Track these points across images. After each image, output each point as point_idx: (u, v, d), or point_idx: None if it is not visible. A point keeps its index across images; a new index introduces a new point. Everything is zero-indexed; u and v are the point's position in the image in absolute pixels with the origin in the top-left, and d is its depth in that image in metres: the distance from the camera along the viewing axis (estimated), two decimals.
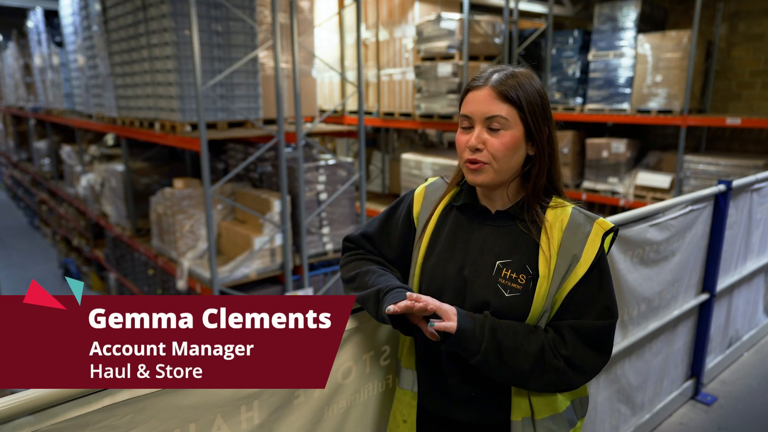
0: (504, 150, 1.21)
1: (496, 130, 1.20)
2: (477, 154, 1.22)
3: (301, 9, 5.29)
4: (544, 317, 1.24)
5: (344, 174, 5.25)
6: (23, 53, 10.34)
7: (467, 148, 1.23)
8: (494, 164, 1.22)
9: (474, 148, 1.22)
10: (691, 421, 3.08)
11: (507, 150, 1.21)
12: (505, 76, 1.22)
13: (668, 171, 6.21)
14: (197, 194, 5.06)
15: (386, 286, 1.29)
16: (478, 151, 1.22)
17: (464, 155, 1.25)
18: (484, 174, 1.23)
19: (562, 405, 1.31)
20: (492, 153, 1.21)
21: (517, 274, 1.24)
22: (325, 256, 5.24)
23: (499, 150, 1.20)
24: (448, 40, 6.20)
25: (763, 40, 6.15)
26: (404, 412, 1.44)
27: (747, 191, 3.32)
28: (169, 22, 4.34)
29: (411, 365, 1.43)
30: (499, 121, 1.20)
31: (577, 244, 1.23)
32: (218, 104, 4.66)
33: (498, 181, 1.25)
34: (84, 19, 6.28)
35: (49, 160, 10.26)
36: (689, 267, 2.92)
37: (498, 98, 1.20)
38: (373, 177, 8.86)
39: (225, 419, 1.27)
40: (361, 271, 1.39)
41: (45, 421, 1.04)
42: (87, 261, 9.07)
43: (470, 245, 1.30)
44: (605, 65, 6.34)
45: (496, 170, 1.22)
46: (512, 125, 1.21)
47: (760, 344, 3.96)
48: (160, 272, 5.71)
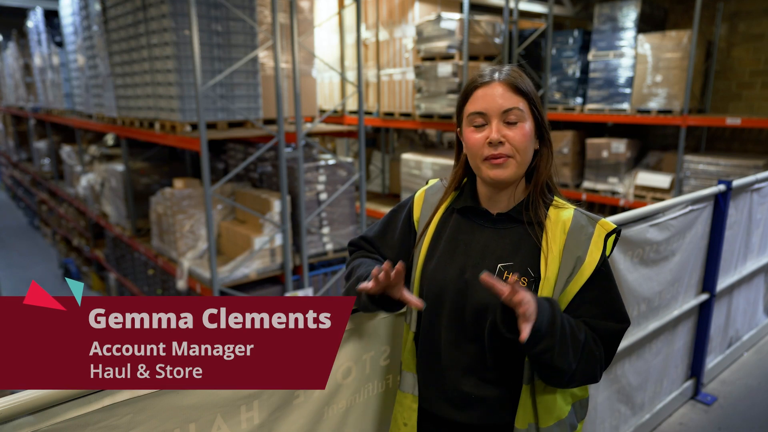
0: (526, 141, 1.22)
1: (514, 123, 1.21)
2: (500, 148, 1.21)
3: (301, 9, 5.29)
4: None
5: (344, 174, 5.25)
6: (23, 53, 10.34)
7: (486, 145, 1.22)
8: (517, 157, 1.22)
9: (497, 142, 1.21)
10: (691, 421, 3.08)
11: (528, 141, 1.22)
12: (512, 70, 1.25)
13: (668, 171, 6.21)
14: (197, 194, 5.06)
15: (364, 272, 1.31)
16: (501, 144, 1.21)
17: (483, 152, 1.23)
18: (509, 168, 1.23)
19: (564, 410, 1.31)
20: (515, 145, 1.21)
21: (518, 277, 1.23)
22: (325, 256, 5.24)
23: (522, 141, 1.21)
24: (448, 40, 6.20)
25: (763, 40, 6.15)
26: (405, 415, 1.44)
27: (747, 191, 3.32)
28: (169, 22, 4.34)
29: (412, 368, 1.43)
30: (516, 114, 1.21)
31: (581, 246, 1.22)
32: (218, 104, 4.66)
33: (519, 175, 1.25)
34: (84, 19, 6.28)
35: (49, 160, 10.26)
36: (689, 267, 2.92)
37: (512, 91, 1.22)
38: (373, 177, 8.86)
39: (225, 419, 1.27)
40: (353, 266, 1.42)
41: (45, 421, 1.04)
42: (87, 261, 9.07)
43: (471, 248, 1.30)
44: (605, 65, 6.34)
45: (519, 163, 1.23)
46: (526, 117, 1.22)
47: (760, 344, 3.96)
48: (160, 272, 5.71)
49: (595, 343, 1.22)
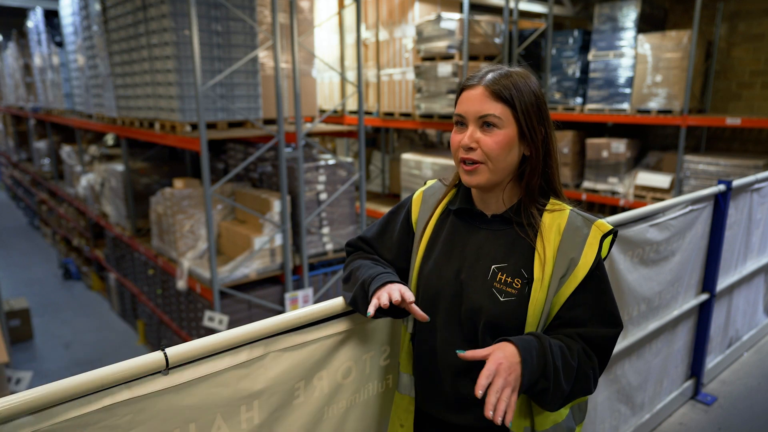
0: (497, 149, 1.19)
1: (490, 129, 1.19)
2: (471, 153, 1.21)
3: (301, 9, 5.29)
4: (542, 322, 1.23)
5: (344, 174, 5.25)
6: (23, 53, 10.34)
7: (461, 147, 1.23)
8: (489, 164, 1.21)
9: (467, 147, 1.21)
10: (691, 421, 3.08)
11: (500, 149, 1.19)
12: (500, 75, 1.21)
13: (668, 171, 6.21)
14: (197, 194, 5.06)
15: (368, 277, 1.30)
16: (472, 150, 1.21)
17: (458, 154, 1.24)
18: (479, 175, 1.22)
19: (562, 414, 1.30)
20: (486, 152, 1.20)
21: (512, 279, 1.23)
22: (325, 256, 5.24)
23: (493, 149, 1.19)
24: (448, 40, 6.20)
25: (763, 40, 6.15)
26: (402, 416, 1.44)
27: (747, 191, 3.32)
28: (169, 22, 4.34)
29: (409, 369, 1.43)
30: (491, 120, 1.19)
31: (576, 248, 1.21)
32: (218, 104, 4.66)
33: (493, 181, 1.23)
34: (84, 19, 6.28)
35: (49, 160, 10.26)
36: (689, 267, 2.92)
37: (491, 97, 1.19)
38: (373, 177, 8.86)
39: (225, 419, 1.27)
40: (353, 267, 1.41)
41: (45, 421, 1.04)
42: (87, 261, 9.06)
43: (467, 249, 1.29)
44: (605, 65, 6.34)
45: (491, 170, 1.21)
46: (506, 124, 1.19)
47: (760, 344, 3.96)
48: (160, 272, 5.71)
49: (589, 358, 1.21)
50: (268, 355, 1.32)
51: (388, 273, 1.32)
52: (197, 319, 5.01)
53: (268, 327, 1.32)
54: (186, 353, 1.18)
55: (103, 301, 8.23)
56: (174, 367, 1.17)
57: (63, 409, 1.06)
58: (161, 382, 1.16)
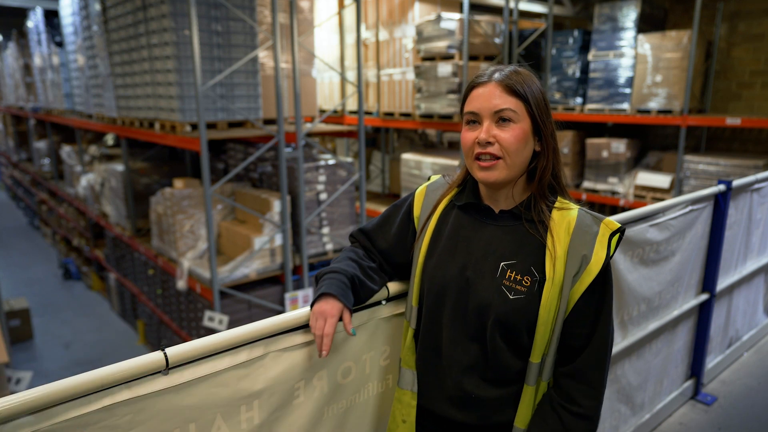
0: (516, 142, 1.20)
1: (506, 124, 1.20)
2: (489, 148, 1.21)
3: (301, 9, 5.29)
4: (559, 320, 1.22)
5: (344, 174, 5.25)
6: (23, 53, 10.34)
7: (477, 144, 1.22)
8: (507, 159, 1.21)
9: (485, 142, 1.20)
10: (691, 421, 3.08)
11: (518, 142, 1.20)
12: (510, 71, 1.23)
13: (668, 171, 6.21)
14: (197, 194, 5.06)
15: (322, 273, 1.35)
16: (489, 144, 1.20)
17: (474, 151, 1.23)
18: (497, 171, 1.22)
19: None
20: (504, 146, 1.20)
21: (521, 276, 1.22)
22: (325, 256, 5.24)
23: (511, 143, 1.20)
24: (448, 40, 6.20)
25: (763, 40, 6.15)
26: (404, 411, 1.44)
27: (747, 191, 3.32)
28: (169, 22, 4.33)
29: (411, 365, 1.42)
30: (507, 114, 1.19)
31: (586, 245, 1.21)
32: (218, 104, 4.66)
33: (510, 177, 1.23)
34: (84, 19, 6.28)
35: (49, 160, 10.26)
36: (689, 267, 2.92)
37: (505, 92, 1.20)
38: (373, 177, 8.86)
39: (225, 419, 1.27)
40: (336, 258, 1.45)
41: (45, 421, 1.04)
42: (87, 261, 9.06)
43: (473, 245, 1.29)
44: (605, 65, 6.33)
45: (508, 165, 1.21)
46: (521, 118, 1.20)
47: (760, 344, 3.95)
48: (160, 272, 5.71)
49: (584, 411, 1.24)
50: (268, 355, 1.32)
51: (338, 277, 1.33)
52: (197, 319, 5.01)
53: (268, 327, 1.32)
54: (186, 353, 1.18)
55: (103, 301, 8.23)
56: (174, 367, 1.17)
57: (63, 409, 1.06)
58: (161, 382, 1.16)
